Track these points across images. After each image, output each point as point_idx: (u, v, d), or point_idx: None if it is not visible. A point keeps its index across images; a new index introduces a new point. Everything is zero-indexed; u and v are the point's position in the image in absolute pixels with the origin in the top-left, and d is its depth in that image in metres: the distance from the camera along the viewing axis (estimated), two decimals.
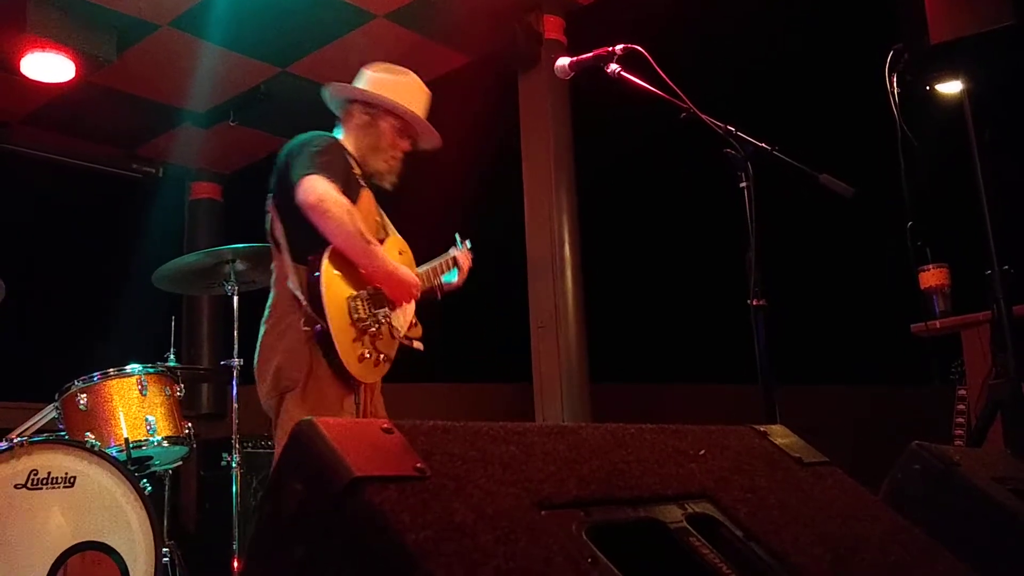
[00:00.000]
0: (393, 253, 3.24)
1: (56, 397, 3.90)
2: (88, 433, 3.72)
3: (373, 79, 3.39)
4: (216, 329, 7.78)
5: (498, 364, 7.27)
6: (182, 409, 4.10)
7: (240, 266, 4.13)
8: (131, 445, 3.78)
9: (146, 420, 3.86)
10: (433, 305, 3.42)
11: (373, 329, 3.00)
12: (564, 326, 5.80)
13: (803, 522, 1.44)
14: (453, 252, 3.58)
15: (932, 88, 3.33)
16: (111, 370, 3.90)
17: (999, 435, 3.22)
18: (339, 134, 3.36)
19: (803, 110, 6.56)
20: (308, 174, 2.97)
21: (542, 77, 5.96)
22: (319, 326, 2.91)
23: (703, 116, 2.82)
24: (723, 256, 3.52)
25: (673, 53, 3.13)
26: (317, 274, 2.93)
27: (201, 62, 6.31)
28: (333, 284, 2.95)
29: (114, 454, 3.63)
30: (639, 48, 2.93)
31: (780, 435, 1.73)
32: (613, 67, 2.96)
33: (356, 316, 2.97)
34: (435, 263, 3.49)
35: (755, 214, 2.79)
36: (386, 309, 3.08)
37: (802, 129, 4.74)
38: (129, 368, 3.94)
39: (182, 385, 4.14)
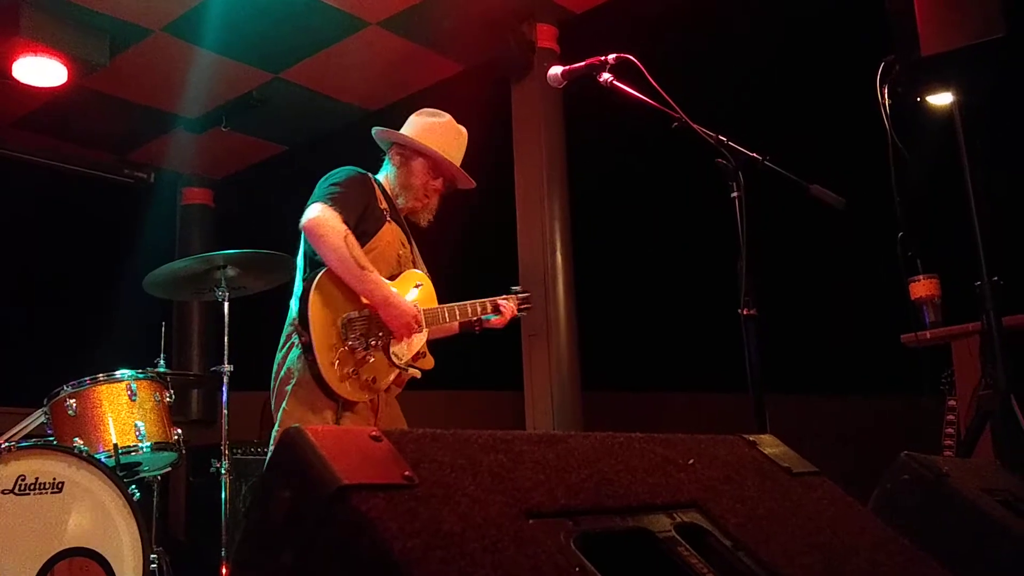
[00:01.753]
0: (407, 285, 3.36)
1: (45, 402, 3.88)
2: (77, 439, 3.71)
3: (412, 122, 3.56)
4: (207, 335, 7.77)
5: (489, 372, 7.26)
6: (172, 415, 4.09)
7: (231, 272, 4.12)
8: (120, 451, 3.76)
9: (135, 426, 3.85)
10: None
11: (360, 350, 3.12)
12: (556, 334, 5.80)
13: (792, 532, 1.44)
14: (502, 297, 3.69)
15: (923, 99, 3.34)
16: (101, 375, 3.89)
17: (989, 445, 3.23)
18: (382, 172, 3.54)
19: (795, 121, 6.58)
20: (315, 202, 3.16)
21: (535, 86, 5.97)
22: (304, 338, 3.06)
23: (694, 126, 2.83)
24: (714, 265, 3.52)
25: (666, 63, 3.13)
26: (309, 289, 3.09)
27: (194, 67, 6.31)
28: (325, 302, 3.11)
29: (103, 460, 3.62)
30: (631, 57, 2.93)
31: (770, 445, 1.73)
32: (605, 76, 2.97)
33: (345, 335, 3.10)
34: (482, 300, 3.62)
35: (746, 224, 2.79)
36: (382, 335, 3.18)
37: (794, 139, 4.75)
38: (119, 373, 3.93)
39: (172, 391, 4.13)
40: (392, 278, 3.31)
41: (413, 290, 3.39)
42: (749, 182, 2.84)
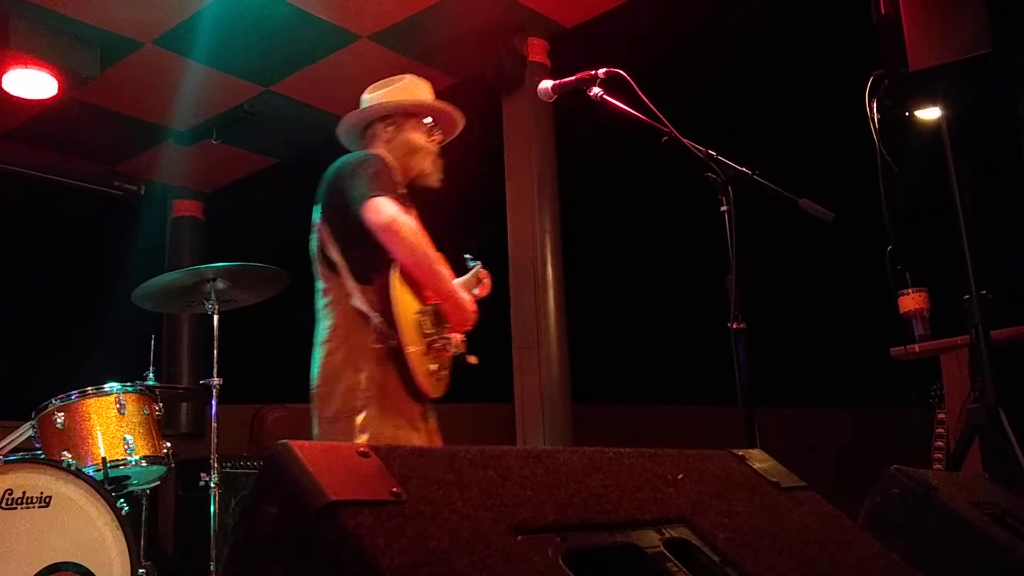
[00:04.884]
0: None
1: (33, 415, 3.87)
2: (65, 452, 3.69)
3: (377, 96, 3.38)
4: (196, 348, 7.75)
5: (480, 385, 7.25)
6: (161, 428, 4.07)
7: (221, 285, 4.11)
8: (108, 464, 3.74)
9: (124, 439, 3.83)
10: None
11: (439, 344, 3.03)
12: (546, 346, 5.80)
13: (780, 547, 1.44)
14: (476, 268, 3.54)
15: (911, 114, 3.36)
16: (89, 388, 3.87)
17: (978, 459, 3.23)
18: None
19: (784, 135, 6.61)
20: (373, 195, 2.95)
21: (526, 99, 5.99)
22: (393, 342, 2.91)
23: (684, 140, 2.84)
24: (704, 278, 3.53)
25: (656, 77, 3.15)
26: (389, 290, 2.93)
27: (185, 80, 6.31)
28: (401, 300, 2.96)
29: (91, 473, 3.60)
30: (621, 72, 2.95)
31: (758, 459, 1.73)
32: (595, 90, 2.98)
33: (424, 331, 2.99)
34: (462, 280, 3.44)
35: (736, 237, 2.80)
36: (447, 325, 3.09)
37: (783, 154, 4.77)
38: (107, 386, 3.91)
39: (161, 404, 4.12)
40: None
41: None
42: (738, 196, 2.85)
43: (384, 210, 2.93)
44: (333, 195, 3.10)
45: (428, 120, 3.34)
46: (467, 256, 3.62)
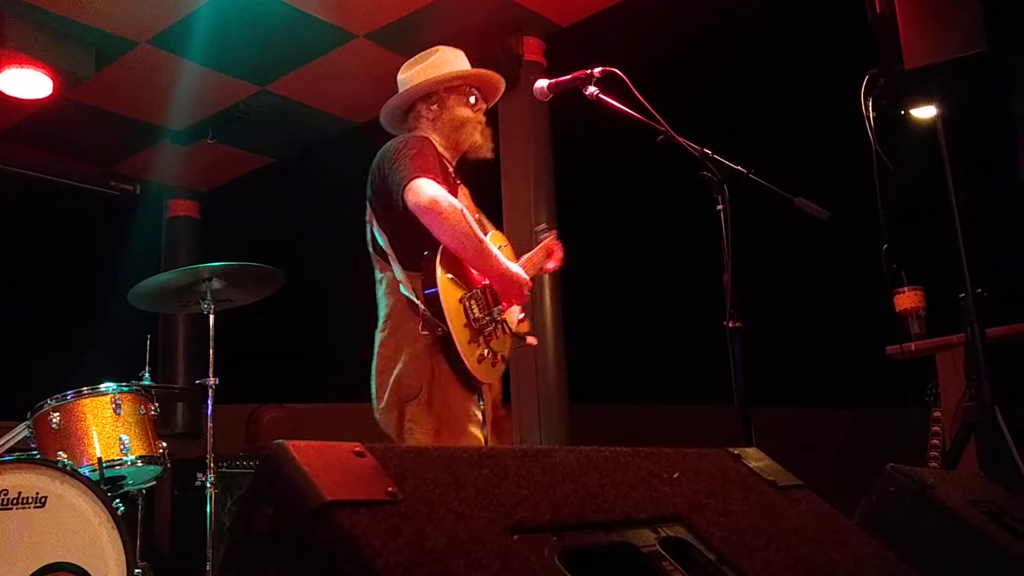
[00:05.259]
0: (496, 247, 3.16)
1: (28, 415, 3.85)
2: (60, 452, 3.68)
3: (414, 75, 3.31)
4: (192, 348, 7.75)
5: None
6: (157, 428, 4.06)
7: (217, 284, 4.10)
8: (104, 465, 3.73)
9: (120, 439, 3.82)
10: None
11: (489, 328, 2.97)
12: (543, 346, 5.79)
13: (776, 546, 1.44)
14: (544, 239, 3.51)
15: (907, 112, 3.37)
16: (85, 388, 3.85)
17: (974, 457, 3.24)
18: None
19: (780, 134, 6.61)
20: (414, 177, 2.90)
21: (522, 99, 5.96)
22: (440, 329, 2.85)
23: (679, 139, 2.84)
24: (700, 277, 3.53)
25: (652, 76, 3.15)
26: (433, 277, 2.89)
27: (180, 80, 6.30)
28: (447, 286, 2.91)
29: (87, 474, 3.59)
30: (617, 71, 2.95)
31: (754, 458, 1.73)
32: (591, 89, 2.99)
33: (472, 316, 2.93)
34: (532, 254, 3.41)
35: (731, 236, 2.81)
36: (499, 307, 3.04)
37: (779, 153, 4.77)
38: (103, 386, 3.90)
39: (157, 404, 4.11)
40: None
41: (502, 251, 3.17)
42: (734, 195, 2.85)
43: (425, 190, 2.87)
44: (378, 182, 3.06)
45: (472, 92, 3.29)
46: (538, 228, 3.59)
